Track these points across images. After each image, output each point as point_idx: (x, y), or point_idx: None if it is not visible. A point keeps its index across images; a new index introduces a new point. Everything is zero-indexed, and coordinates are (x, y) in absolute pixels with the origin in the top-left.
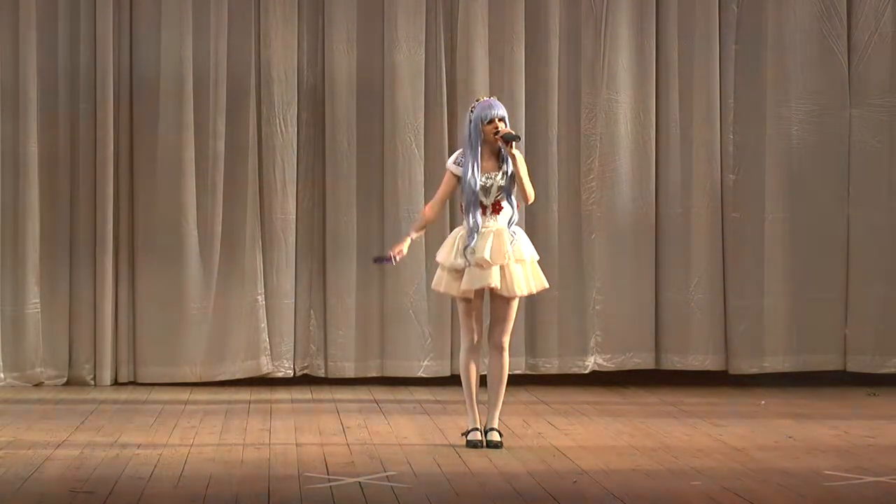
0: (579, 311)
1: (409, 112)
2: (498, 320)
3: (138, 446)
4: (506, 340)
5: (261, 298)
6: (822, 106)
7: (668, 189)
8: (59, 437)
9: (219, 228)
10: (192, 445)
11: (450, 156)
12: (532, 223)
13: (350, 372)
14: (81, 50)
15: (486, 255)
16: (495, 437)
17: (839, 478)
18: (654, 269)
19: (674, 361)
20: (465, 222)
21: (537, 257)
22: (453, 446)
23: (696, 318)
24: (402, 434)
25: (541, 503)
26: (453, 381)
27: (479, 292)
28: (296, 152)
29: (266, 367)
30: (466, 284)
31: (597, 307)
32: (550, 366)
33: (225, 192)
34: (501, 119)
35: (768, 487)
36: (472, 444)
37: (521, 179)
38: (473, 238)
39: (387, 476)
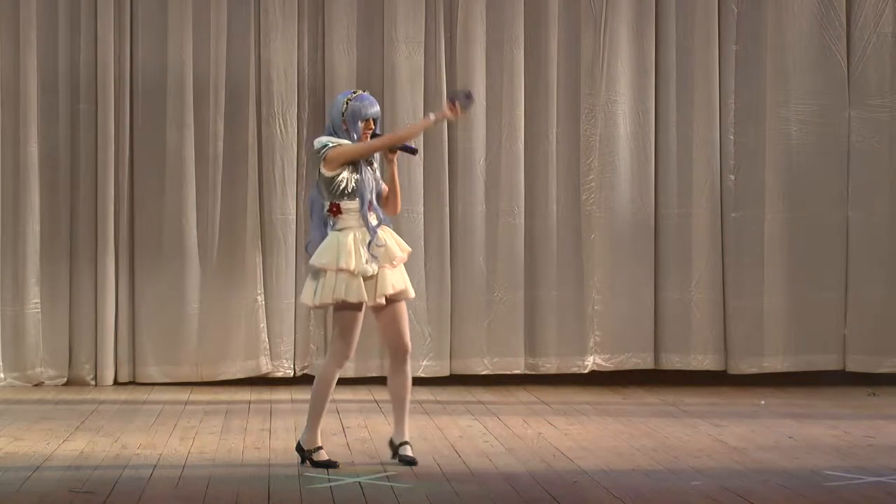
0: (579, 310)
1: (408, 112)
2: (401, 324)
3: (138, 446)
4: (409, 344)
5: (260, 298)
6: (821, 106)
7: (667, 189)
8: (59, 437)
9: (219, 228)
10: (192, 445)
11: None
12: (531, 223)
13: (350, 372)
14: (82, 49)
15: (398, 252)
16: (408, 451)
17: (839, 478)
18: (654, 269)
19: (673, 361)
20: (357, 221)
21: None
22: (453, 446)
23: (696, 318)
24: None
25: (541, 503)
26: (453, 381)
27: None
28: (296, 152)
29: (266, 366)
30: (384, 289)
31: (596, 307)
32: (550, 366)
33: (225, 192)
34: (377, 120)
35: (768, 487)
36: (327, 465)
37: (397, 190)
38: (375, 234)
39: (387, 476)
